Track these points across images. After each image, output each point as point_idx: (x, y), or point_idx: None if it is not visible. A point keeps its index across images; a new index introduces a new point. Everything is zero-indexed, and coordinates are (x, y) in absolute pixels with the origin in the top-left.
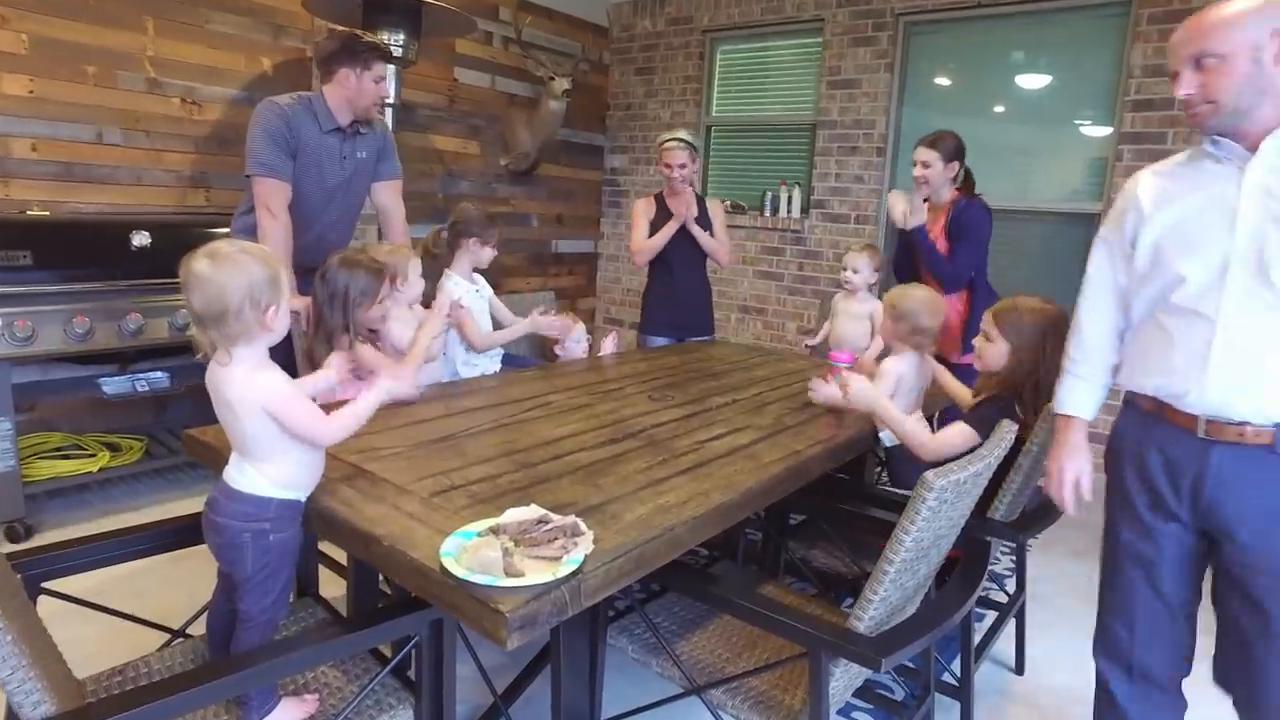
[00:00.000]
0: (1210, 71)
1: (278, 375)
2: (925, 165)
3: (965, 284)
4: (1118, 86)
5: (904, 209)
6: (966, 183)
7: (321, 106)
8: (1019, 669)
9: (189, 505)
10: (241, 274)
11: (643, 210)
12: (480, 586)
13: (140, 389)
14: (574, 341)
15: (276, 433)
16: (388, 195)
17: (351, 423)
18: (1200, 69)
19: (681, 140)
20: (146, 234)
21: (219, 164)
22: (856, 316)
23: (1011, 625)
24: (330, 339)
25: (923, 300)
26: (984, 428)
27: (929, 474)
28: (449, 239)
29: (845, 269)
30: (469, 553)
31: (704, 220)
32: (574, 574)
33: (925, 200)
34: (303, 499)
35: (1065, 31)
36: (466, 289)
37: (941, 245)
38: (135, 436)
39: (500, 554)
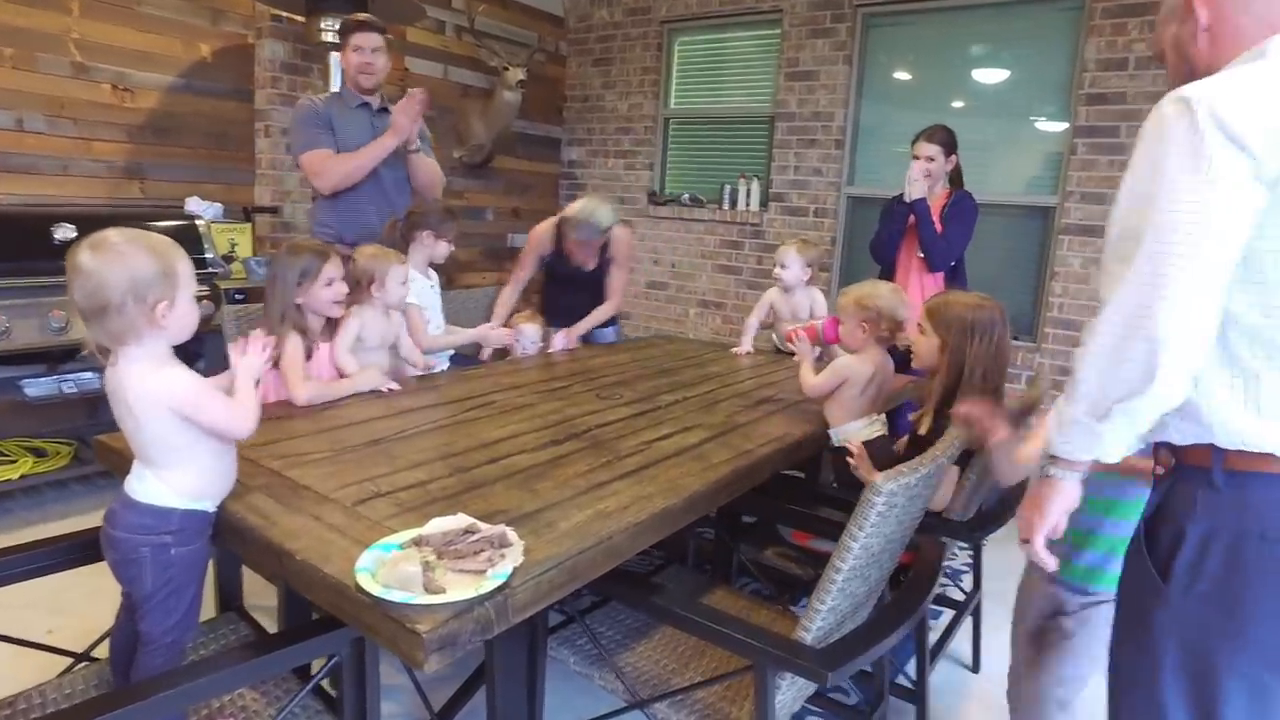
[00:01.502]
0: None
1: (181, 371)
2: (930, 159)
3: (951, 263)
4: (1072, 80)
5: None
6: (957, 177)
7: (345, 89)
8: (975, 667)
9: None
10: (122, 267)
11: (535, 247)
12: (396, 605)
13: (68, 390)
14: (530, 341)
15: (181, 435)
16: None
17: (252, 402)
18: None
19: (597, 227)
20: (71, 227)
21: (155, 154)
22: (797, 313)
23: (968, 621)
24: (270, 328)
25: (891, 293)
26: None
27: (879, 477)
28: (403, 230)
29: (776, 265)
30: (387, 567)
31: (604, 267)
32: (500, 589)
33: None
34: (211, 509)
35: (1021, 25)
36: (422, 284)
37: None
38: (64, 441)
39: (420, 568)
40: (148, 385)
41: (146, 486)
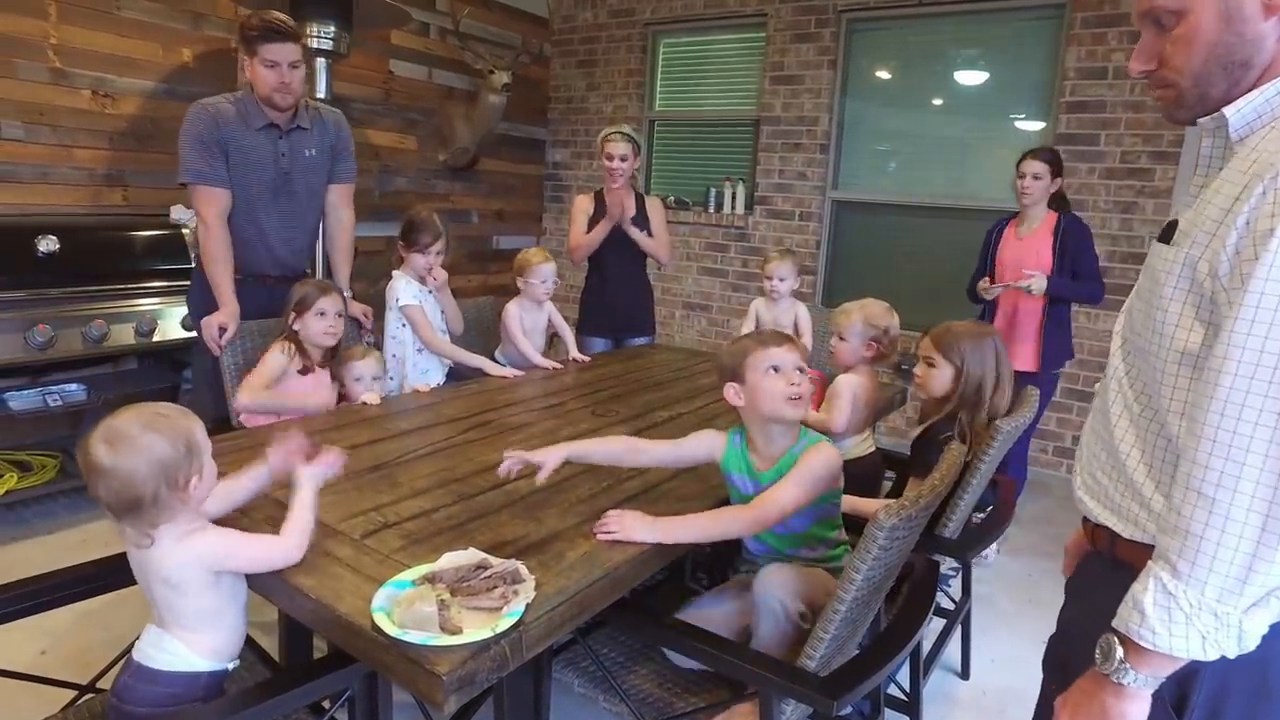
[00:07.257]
0: (1170, 38)
1: (210, 532)
2: (1036, 177)
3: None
4: (1053, 87)
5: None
6: (1061, 201)
7: (250, 102)
8: (964, 673)
9: (109, 529)
10: (144, 458)
11: (582, 207)
12: (414, 646)
13: (53, 403)
14: (369, 378)
15: (217, 593)
16: (335, 197)
17: (305, 527)
18: (1161, 31)
19: (623, 133)
20: (54, 238)
21: (136, 161)
22: (781, 325)
23: (956, 629)
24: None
25: (887, 312)
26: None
27: (880, 513)
28: (400, 242)
29: (771, 277)
30: (402, 606)
31: (641, 219)
32: (514, 626)
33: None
34: (231, 668)
35: (1002, 31)
36: (416, 290)
37: (1046, 258)
38: (49, 453)
39: (435, 608)
40: (184, 556)
41: (166, 653)
